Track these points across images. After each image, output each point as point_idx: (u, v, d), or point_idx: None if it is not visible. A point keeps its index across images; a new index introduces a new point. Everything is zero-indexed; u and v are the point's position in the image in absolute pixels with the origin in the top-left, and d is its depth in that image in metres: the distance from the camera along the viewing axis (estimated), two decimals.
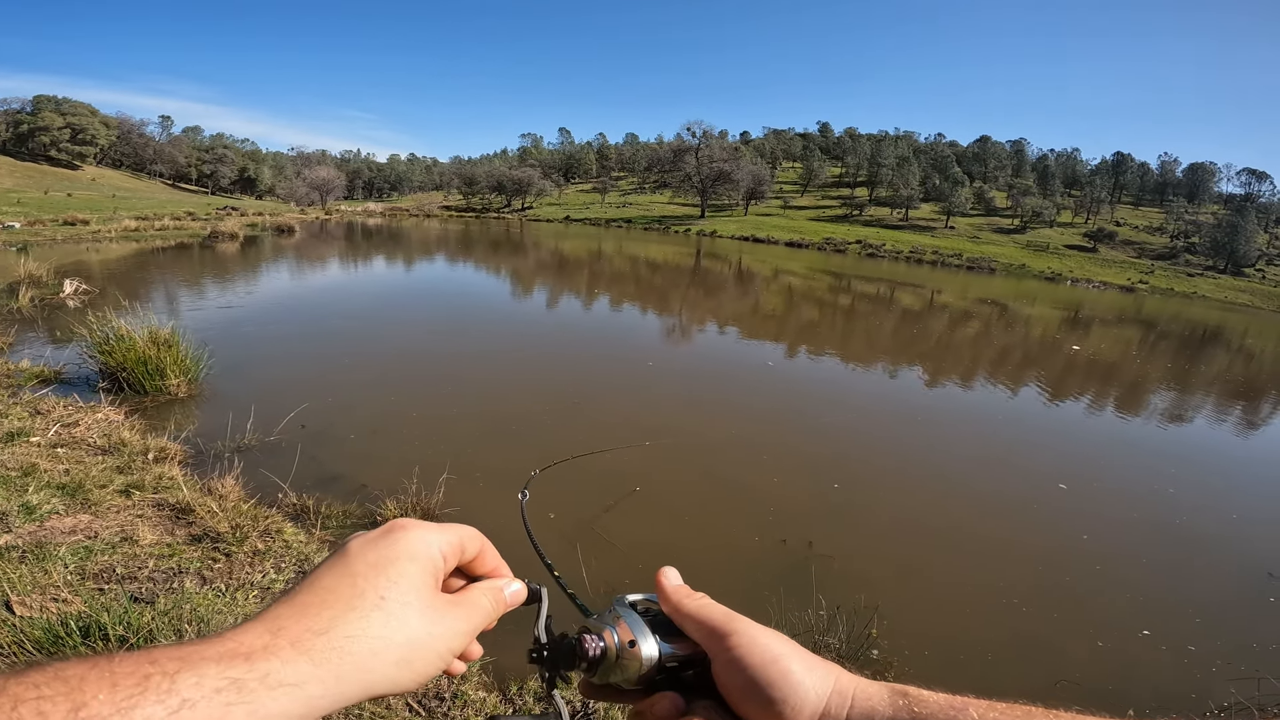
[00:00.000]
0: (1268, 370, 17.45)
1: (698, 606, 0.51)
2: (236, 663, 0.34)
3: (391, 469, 4.60)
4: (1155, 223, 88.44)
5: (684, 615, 0.51)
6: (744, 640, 0.46)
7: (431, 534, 0.46)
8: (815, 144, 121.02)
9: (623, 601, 0.53)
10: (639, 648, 0.48)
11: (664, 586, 0.53)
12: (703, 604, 0.51)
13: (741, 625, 0.48)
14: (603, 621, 0.51)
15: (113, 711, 0.29)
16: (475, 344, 9.89)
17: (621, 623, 0.50)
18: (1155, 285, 59.71)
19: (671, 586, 0.53)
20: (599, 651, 0.49)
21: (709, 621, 0.49)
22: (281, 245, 23.81)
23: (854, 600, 3.56)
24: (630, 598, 0.54)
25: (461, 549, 0.49)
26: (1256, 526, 5.73)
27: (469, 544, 0.50)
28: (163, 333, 6.02)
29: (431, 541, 0.46)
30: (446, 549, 0.47)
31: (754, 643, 0.46)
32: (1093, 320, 24.99)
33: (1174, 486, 6.40)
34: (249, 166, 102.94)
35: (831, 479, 5.60)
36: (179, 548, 2.96)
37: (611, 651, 0.49)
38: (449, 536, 0.48)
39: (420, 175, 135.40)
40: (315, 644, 0.37)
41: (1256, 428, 10.09)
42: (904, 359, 11.93)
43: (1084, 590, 4.26)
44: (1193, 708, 3.20)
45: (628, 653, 0.49)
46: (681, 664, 0.50)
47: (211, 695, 0.32)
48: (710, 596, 0.53)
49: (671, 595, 0.52)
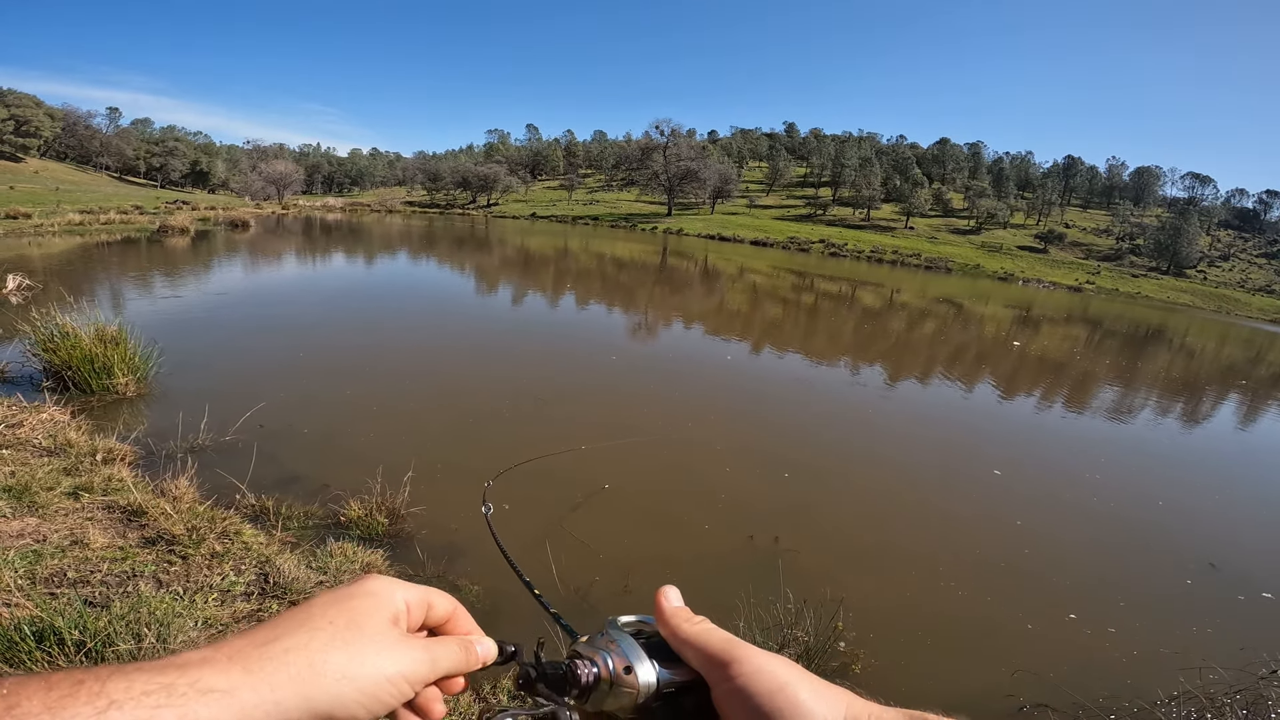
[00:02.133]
0: (1200, 367, 18.42)
1: (697, 632, 0.48)
2: (169, 671, 0.35)
3: (354, 468, 4.53)
4: (1102, 225, 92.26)
5: (682, 641, 0.48)
6: (748, 668, 0.44)
7: (397, 583, 0.46)
8: (781, 144, 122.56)
9: (615, 624, 0.50)
10: (635, 674, 0.46)
11: (663, 608, 0.50)
12: (702, 629, 0.48)
13: (744, 652, 0.45)
14: (595, 645, 0.48)
15: (42, 710, 0.31)
16: (437, 341, 9.78)
17: (615, 647, 0.47)
18: (1101, 285, 62.32)
19: (671, 609, 0.50)
20: (592, 678, 0.46)
21: (709, 648, 0.46)
22: (235, 240, 23.04)
23: (820, 593, 3.66)
24: (624, 619, 0.51)
25: (428, 605, 0.48)
26: (1182, 515, 6.10)
27: (438, 602, 0.49)
28: (110, 330, 5.80)
29: (395, 588, 0.46)
30: (412, 599, 0.47)
31: (759, 670, 0.43)
32: (1042, 319, 25.99)
33: (1100, 474, 6.77)
34: (201, 160, 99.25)
35: (791, 473, 5.74)
36: (132, 551, 2.87)
37: (606, 678, 0.46)
38: (416, 591, 0.47)
39: (383, 170, 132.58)
40: (252, 654, 0.37)
41: (1191, 421, 10.66)
42: (864, 356, 12.24)
43: (1024, 572, 4.48)
44: (1120, 692, 3.35)
45: (623, 679, 0.46)
46: (680, 690, 0.47)
47: (139, 698, 0.33)
48: (692, 587, 0.54)
49: (670, 619, 0.49)
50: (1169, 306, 53.86)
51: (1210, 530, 5.75)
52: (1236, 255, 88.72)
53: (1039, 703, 3.18)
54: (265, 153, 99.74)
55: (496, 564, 3.81)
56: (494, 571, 3.69)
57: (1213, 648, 3.82)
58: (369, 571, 0.41)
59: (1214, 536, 5.58)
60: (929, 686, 3.29)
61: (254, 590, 2.85)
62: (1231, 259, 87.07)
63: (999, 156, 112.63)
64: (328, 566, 3.22)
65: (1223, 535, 5.64)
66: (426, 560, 3.66)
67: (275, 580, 2.94)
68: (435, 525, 4.09)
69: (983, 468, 6.61)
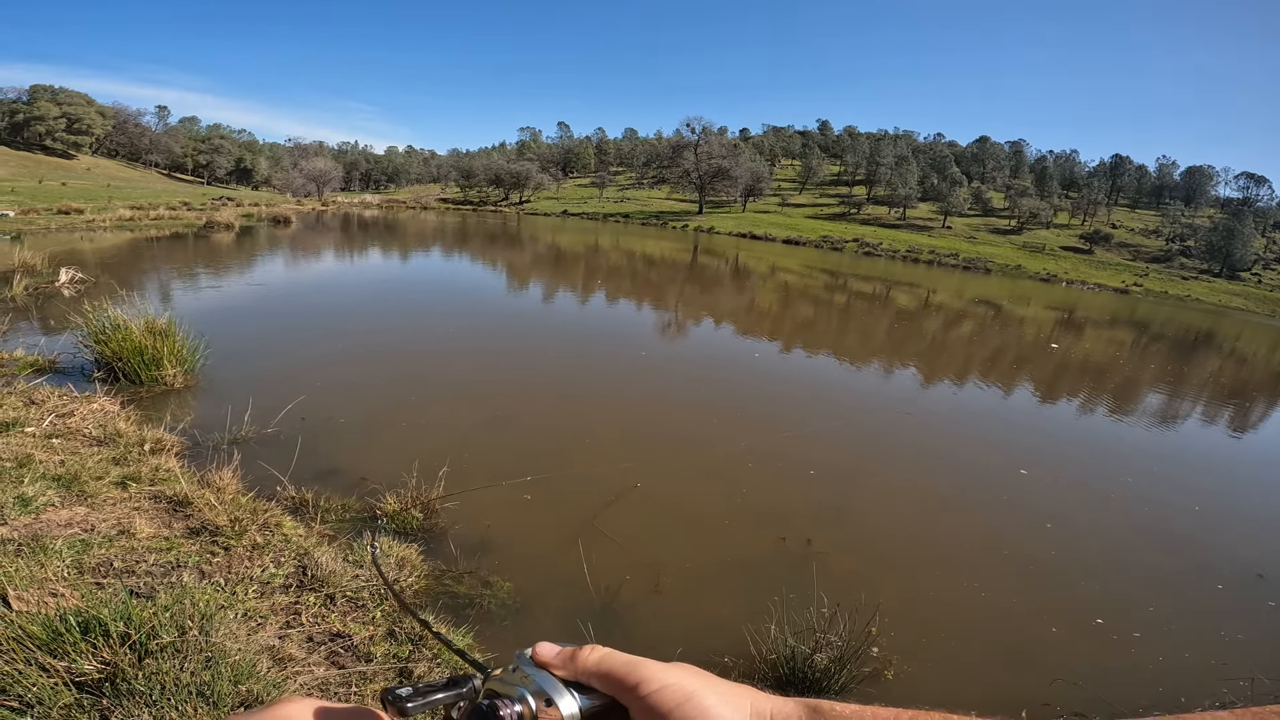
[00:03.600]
0: (1250, 374, 17.55)
1: (598, 660, 0.49)
2: None
3: (391, 462, 4.58)
4: (1151, 226, 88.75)
5: (585, 673, 0.49)
6: (655, 686, 0.45)
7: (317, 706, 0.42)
8: (814, 142, 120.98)
9: (524, 658, 0.50)
10: (556, 706, 0.46)
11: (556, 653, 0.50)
12: (599, 657, 0.49)
13: (648, 671, 0.46)
14: (510, 681, 0.49)
15: None
16: (472, 335, 9.86)
17: (530, 681, 0.48)
18: (1149, 288, 59.96)
19: (556, 651, 0.50)
20: (515, 715, 0.46)
21: (613, 674, 0.47)
22: (277, 236, 23.66)
23: (853, 597, 3.57)
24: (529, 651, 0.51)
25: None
26: (1223, 521, 5.81)
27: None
28: (159, 322, 5.97)
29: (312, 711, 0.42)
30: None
31: (665, 686, 0.45)
32: (1086, 322, 25.10)
33: (1131, 477, 6.56)
34: (245, 157, 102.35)
35: (823, 475, 5.62)
36: (177, 541, 2.93)
37: (528, 716, 0.46)
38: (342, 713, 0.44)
39: (418, 168, 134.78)
40: None
41: (1238, 431, 10.15)
42: (897, 358, 11.95)
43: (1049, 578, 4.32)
44: (1159, 702, 3.23)
45: (545, 713, 0.46)
46: (601, 714, 0.48)
47: None
48: (697, 599, 0.51)
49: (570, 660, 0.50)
50: (1220, 310, 51.58)
51: (1252, 540, 5.48)
52: None
53: (1076, 712, 3.09)
54: (306, 150, 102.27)
55: (530, 561, 3.81)
56: (527, 569, 3.69)
57: (1253, 656, 3.66)
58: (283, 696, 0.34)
59: (1257, 546, 5.32)
60: (964, 693, 3.21)
61: (292, 583, 2.88)
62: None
63: (1042, 155, 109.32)
64: (364, 559, 3.25)
65: (1267, 545, 5.37)
66: (459, 555, 3.67)
67: (313, 573, 2.97)
68: (469, 520, 4.11)
69: (1013, 470, 6.40)
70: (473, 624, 3.11)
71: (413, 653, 2.74)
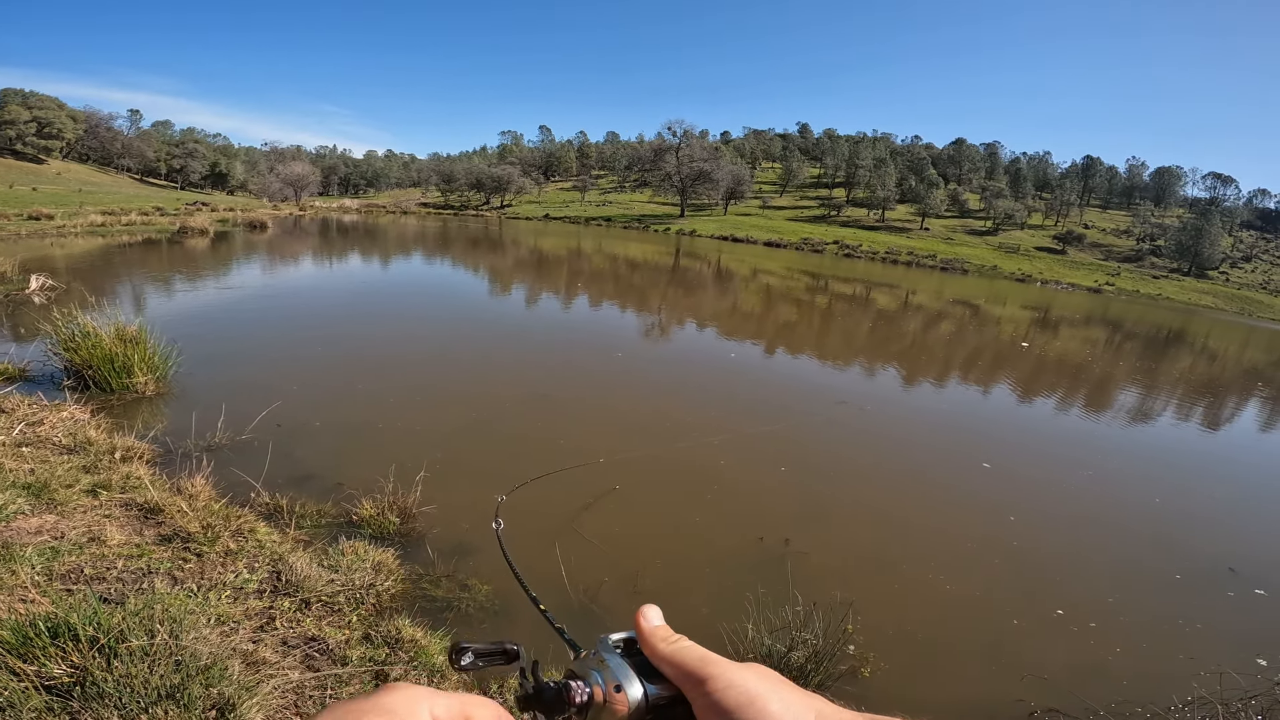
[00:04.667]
0: (1219, 372, 18.04)
1: (672, 651, 0.49)
2: None
3: (367, 467, 4.57)
4: (1122, 226, 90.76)
5: (660, 660, 0.50)
6: (721, 684, 0.45)
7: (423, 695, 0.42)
8: (795, 145, 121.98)
9: (606, 644, 0.53)
10: (625, 692, 0.48)
11: (642, 629, 0.52)
12: (677, 648, 0.50)
13: (717, 668, 0.46)
14: (587, 665, 0.51)
15: None
16: (451, 340, 9.83)
17: (606, 666, 0.50)
18: (1121, 287, 61.31)
19: (649, 629, 0.52)
20: (585, 698, 0.49)
21: (684, 666, 0.48)
22: (253, 241, 23.35)
23: (830, 595, 3.63)
24: (613, 637, 0.54)
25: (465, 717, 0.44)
26: (1182, 514, 5.99)
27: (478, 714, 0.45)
28: (130, 329, 5.90)
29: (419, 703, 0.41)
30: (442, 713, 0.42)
31: (730, 686, 0.45)
32: (1060, 321, 25.63)
33: (1091, 470, 6.68)
34: (220, 161, 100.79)
35: (802, 475, 5.71)
36: (148, 548, 2.92)
37: (598, 697, 0.49)
38: (448, 701, 0.43)
39: (398, 172, 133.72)
40: None
41: (1198, 426, 10.45)
42: (877, 358, 12.13)
43: (1015, 571, 4.43)
44: (1133, 697, 3.30)
45: (614, 698, 0.48)
46: (670, 703, 0.49)
47: None
48: (676, 599, 0.54)
49: (648, 638, 0.51)
50: (1190, 308, 52.89)
51: (1209, 531, 5.68)
52: (1259, 256, 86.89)
53: (1050, 708, 3.14)
54: (283, 154, 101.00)
55: (507, 584, 3.81)
56: (505, 574, 3.70)
57: (1213, 646, 3.79)
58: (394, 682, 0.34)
59: (1214, 538, 5.52)
60: (940, 691, 3.26)
61: (266, 588, 2.88)
62: (1254, 260, 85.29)
63: (1016, 157, 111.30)
64: (339, 565, 3.25)
65: (1225, 537, 5.56)
66: (437, 559, 3.67)
67: (288, 578, 2.97)
68: (447, 524, 4.11)
69: (982, 466, 6.55)
70: (451, 627, 3.11)
71: (389, 656, 2.75)
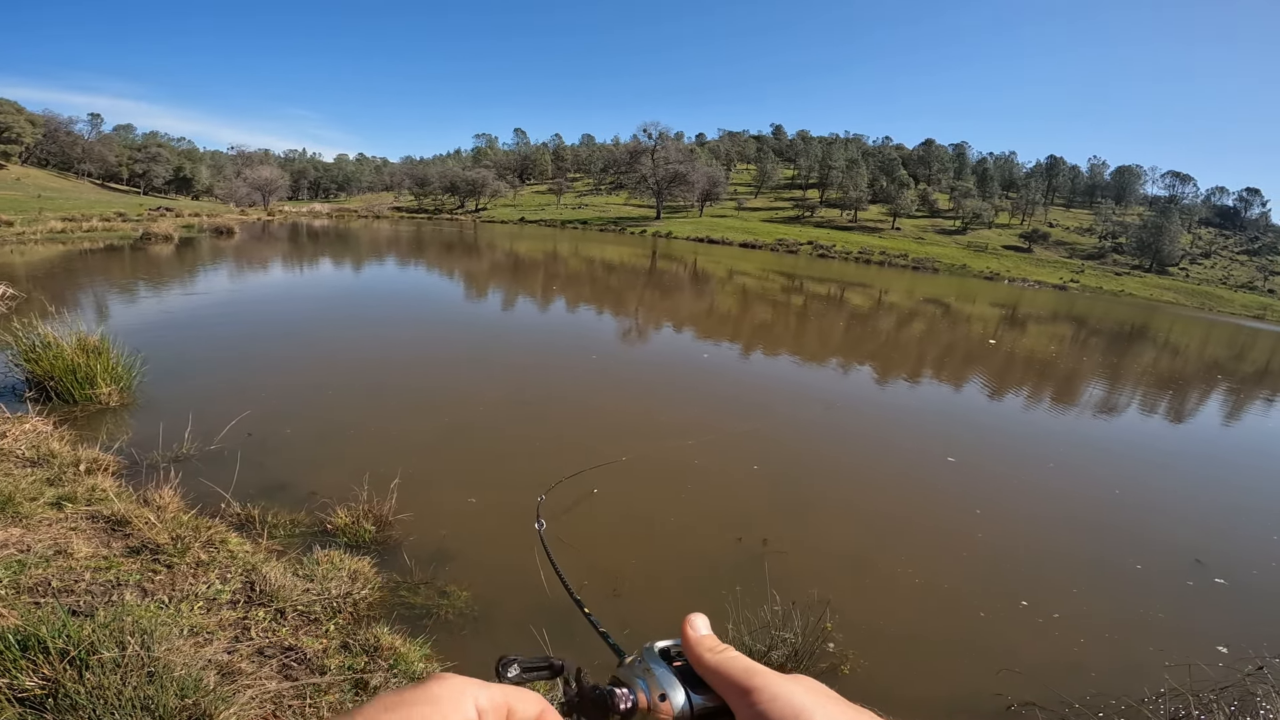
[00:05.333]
0: (1177, 367, 18.67)
1: (718, 662, 0.49)
2: None
3: (341, 475, 4.53)
4: (1085, 224, 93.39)
5: (705, 670, 0.49)
6: (766, 696, 0.44)
7: (469, 686, 0.43)
8: (769, 146, 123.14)
9: (652, 651, 0.53)
10: (669, 701, 0.48)
11: (689, 637, 0.52)
12: (723, 659, 0.49)
13: (763, 680, 0.46)
14: (633, 672, 0.51)
15: None
16: (425, 346, 9.75)
17: (651, 674, 0.50)
18: (1086, 284, 63.09)
19: (696, 638, 0.52)
20: (630, 704, 0.49)
21: (729, 676, 0.47)
22: (220, 247, 22.85)
23: (808, 594, 3.68)
24: (659, 645, 0.54)
25: (509, 710, 0.45)
26: (1141, 505, 6.21)
27: (520, 707, 0.46)
28: (92, 339, 5.76)
29: (464, 693, 0.43)
30: (486, 704, 0.43)
31: (775, 699, 0.44)
32: (1029, 319, 26.31)
33: (1054, 463, 6.87)
34: (185, 166, 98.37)
35: (779, 475, 5.79)
36: (116, 560, 2.87)
37: (642, 704, 0.49)
38: (492, 693, 0.44)
39: (370, 176, 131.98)
40: None
41: (1158, 419, 10.82)
42: (852, 357, 12.33)
43: (981, 563, 4.56)
44: (1108, 689, 3.38)
45: (658, 706, 0.48)
46: (714, 714, 0.49)
47: None
48: (657, 601, 0.56)
49: (694, 647, 0.51)
50: (1152, 304, 54.56)
51: (1169, 522, 5.87)
52: (1218, 252, 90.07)
53: (1026, 701, 3.19)
54: (250, 158, 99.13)
55: (487, 570, 3.81)
56: (485, 578, 3.69)
57: (1173, 635, 3.91)
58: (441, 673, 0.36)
59: (1173, 528, 5.71)
60: (920, 687, 3.29)
61: (240, 599, 2.86)
62: (1213, 256, 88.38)
63: (983, 157, 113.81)
64: (314, 574, 3.22)
65: (1183, 527, 5.77)
66: (414, 567, 3.65)
67: (261, 588, 2.94)
68: (423, 531, 4.09)
69: (948, 460, 6.71)
70: (430, 634, 3.09)
71: (368, 664, 2.73)
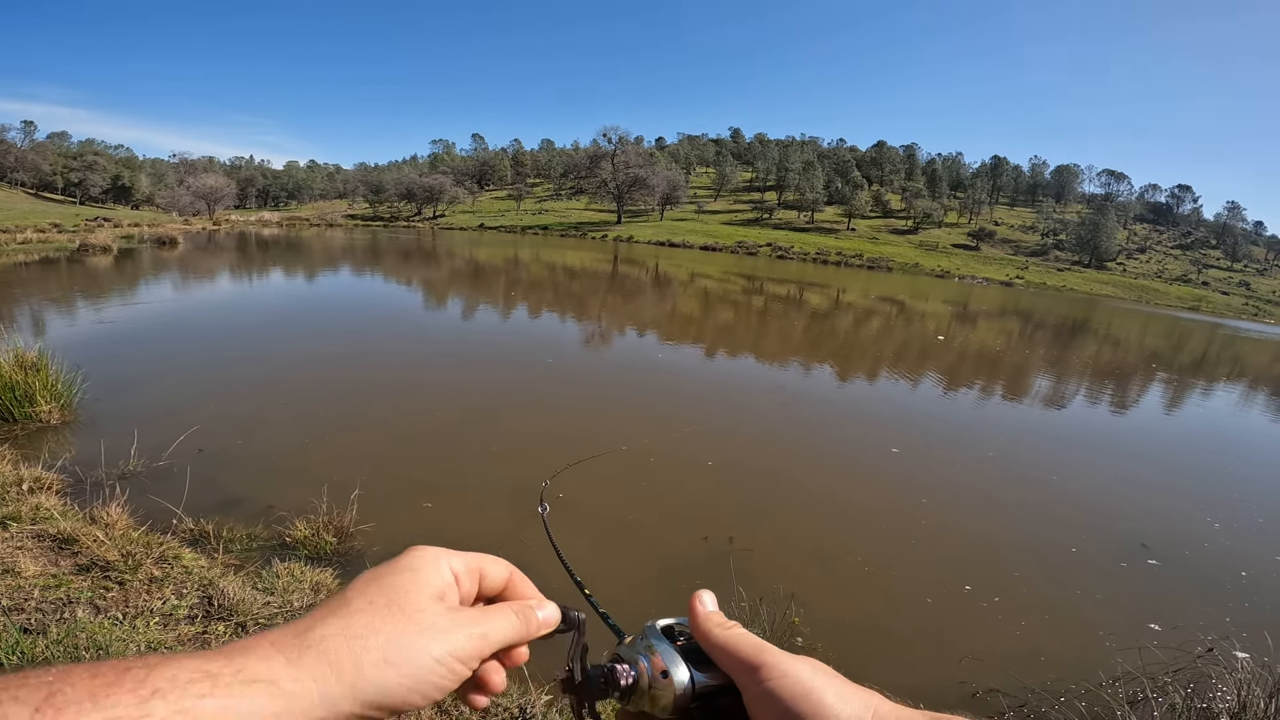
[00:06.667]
0: (1122, 357, 19.66)
1: (726, 638, 0.49)
2: (215, 659, 0.34)
3: (299, 488, 4.46)
4: (1028, 222, 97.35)
5: (713, 646, 0.49)
6: (775, 673, 0.44)
7: (443, 553, 0.46)
8: (728, 149, 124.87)
9: (654, 629, 0.52)
10: (671, 678, 0.48)
11: (697, 613, 0.51)
12: (731, 635, 0.49)
13: (772, 657, 0.46)
14: (635, 650, 0.51)
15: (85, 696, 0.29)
16: (381, 355, 9.52)
17: (653, 651, 0.50)
18: (1030, 280, 65.79)
19: (704, 613, 0.51)
20: (631, 681, 0.49)
21: (738, 653, 0.47)
22: (163, 258, 21.98)
23: (775, 589, 3.77)
24: (662, 622, 0.54)
25: (480, 572, 0.48)
26: (1077, 491, 6.57)
27: (491, 569, 0.48)
28: (29, 356, 5.53)
29: (439, 558, 0.45)
30: (460, 568, 0.46)
31: (785, 675, 0.44)
32: (978, 314, 27.33)
33: (993, 452, 7.19)
34: (124, 174, 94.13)
35: (743, 474, 5.91)
36: (66, 578, 2.79)
37: (644, 681, 0.49)
38: (465, 559, 0.47)
39: (322, 183, 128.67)
40: (291, 643, 0.36)
41: (1095, 407, 11.42)
42: (813, 356, 12.64)
43: (929, 550, 4.76)
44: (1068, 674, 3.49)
45: (660, 683, 0.48)
46: (716, 692, 0.49)
47: (184, 686, 0.31)
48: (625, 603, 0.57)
49: (702, 624, 0.51)
50: (1093, 298, 57.19)
51: (1102, 507, 6.12)
52: (1152, 247, 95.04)
53: (990, 688, 3.27)
54: (193, 166, 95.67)
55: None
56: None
57: (1110, 616, 4.11)
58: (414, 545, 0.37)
59: (1107, 513, 5.99)
60: (889, 677, 3.32)
61: (198, 613, 2.81)
62: (1148, 251, 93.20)
63: (932, 158, 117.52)
64: (274, 586, 3.19)
65: (1116, 512, 6.07)
66: None
67: (220, 602, 2.90)
68: (387, 540, 4.05)
69: (891, 451, 6.95)
70: None
71: None
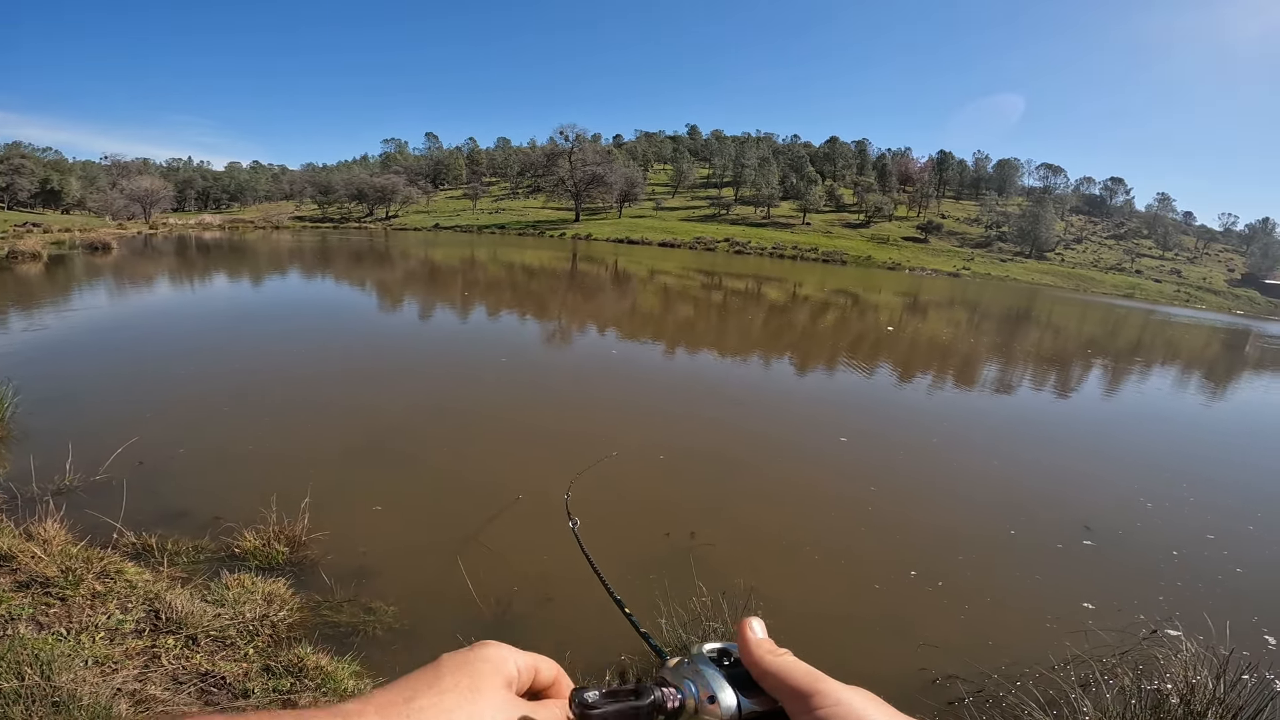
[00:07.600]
0: (1061, 344, 20.62)
1: (778, 665, 0.49)
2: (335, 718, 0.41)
3: (246, 498, 4.35)
4: (973, 215, 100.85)
5: (764, 672, 0.49)
6: (828, 701, 0.45)
7: (511, 652, 0.52)
8: (685, 146, 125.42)
9: (702, 655, 0.53)
10: (718, 704, 0.48)
11: (748, 639, 0.52)
12: (784, 662, 0.49)
13: (826, 686, 0.46)
14: (680, 673, 0.51)
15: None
16: (330, 361, 9.22)
17: (700, 675, 0.50)
18: (976, 271, 68.24)
19: (755, 640, 0.52)
20: (677, 704, 0.49)
21: (790, 679, 0.47)
22: (96, 264, 20.89)
23: (737, 584, 3.84)
24: (709, 647, 0.54)
25: (536, 670, 0.53)
26: (1019, 476, 6.89)
27: (544, 668, 0.54)
28: None
29: (508, 656, 0.52)
30: (523, 665, 0.52)
31: (838, 704, 0.44)
32: (929, 305, 28.24)
33: (938, 438, 7.51)
34: (52, 178, 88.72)
35: (704, 469, 6.01)
36: (5, 595, 2.67)
37: (690, 706, 0.49)
38: (525, 657, 0.53)
39: (266, 184, 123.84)
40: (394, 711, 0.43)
41: (1037, 393, 11.98)
42: (772, 349, 12.88)
43: (877, 537, 4.95)
44: (1022, 659, 3.60)
45: (706, 708, 0.48)
46: (762, 718, 0.49)
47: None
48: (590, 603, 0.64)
49: (753, 650, 0.51)
50: (1034, 287, 59.66)
51: (1045, 492, 6.40)
52: (1088, 238, 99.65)
53: (948, 674, 3.33)
54: (127, 169, 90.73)
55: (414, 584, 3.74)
56: (411, 592, 3.63)
57: (1052, 596, 4.26)
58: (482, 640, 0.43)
59: (1048, 498, 6.25)
60: (849, 666, 3.38)
61: (145, 627, 2.73)
62: (1084, 241, 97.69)
63: (882, 153, 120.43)
64: (225, 598, 3.12)
65: (1058, 496, 6.37)
66: (335, 585, 3.56)
67: (167, 616, 2.83)
68: (342, 549, 3.98)
69: (839, 440, 7.16)
70: (359, 650, 3.04)
71: (294, 684, 2.67)
